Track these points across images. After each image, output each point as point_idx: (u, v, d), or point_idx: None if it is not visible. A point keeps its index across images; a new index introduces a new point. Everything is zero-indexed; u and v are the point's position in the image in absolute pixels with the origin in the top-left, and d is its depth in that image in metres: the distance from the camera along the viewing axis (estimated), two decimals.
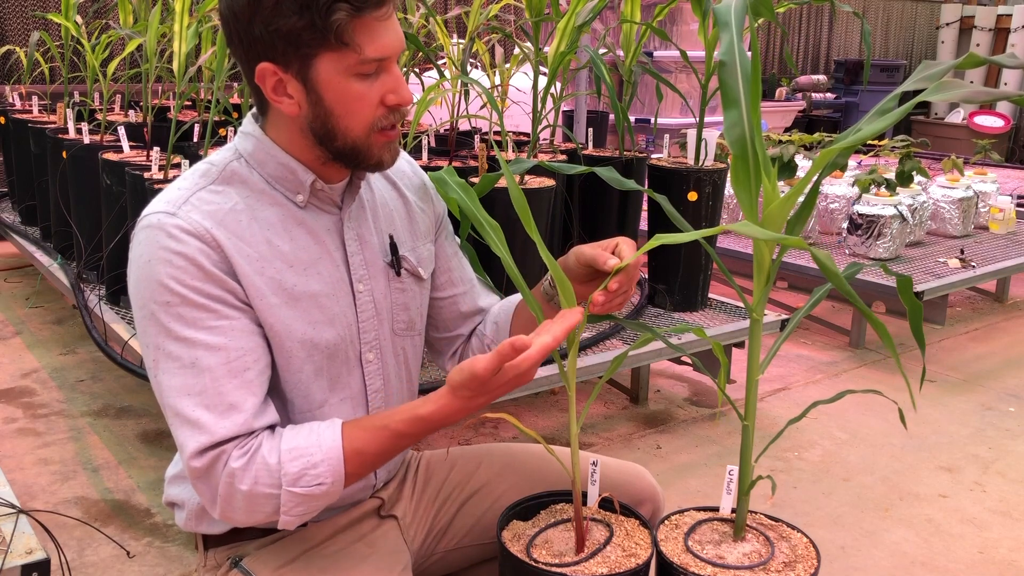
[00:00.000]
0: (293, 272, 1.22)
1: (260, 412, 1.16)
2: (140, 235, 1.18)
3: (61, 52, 3.87)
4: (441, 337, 1.50)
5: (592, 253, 1.24)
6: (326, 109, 1.16)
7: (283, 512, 1.14)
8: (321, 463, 1.13)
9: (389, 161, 1.23)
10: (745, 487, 1.25)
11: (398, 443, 1.17)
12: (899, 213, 3.80)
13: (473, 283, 1.49)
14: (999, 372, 3.54)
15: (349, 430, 1.16)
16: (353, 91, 1.15)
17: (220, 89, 2.52)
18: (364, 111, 1.17)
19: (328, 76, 1.14)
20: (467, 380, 1.11)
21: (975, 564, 2.23)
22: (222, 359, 1.14)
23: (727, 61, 1.15)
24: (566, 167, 1.48)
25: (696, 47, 2.95)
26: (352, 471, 1.16)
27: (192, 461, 1.13)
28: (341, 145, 1.19)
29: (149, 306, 1.14)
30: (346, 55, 1.13)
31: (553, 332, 1.11)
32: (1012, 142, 9.07)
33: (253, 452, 1.13)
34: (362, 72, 1.15)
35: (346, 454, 1.15)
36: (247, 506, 1.14)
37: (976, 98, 1.06)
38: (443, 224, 1.46)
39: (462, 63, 2.78)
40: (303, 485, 1.13)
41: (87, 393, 3.13)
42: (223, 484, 1.13)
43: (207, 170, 1.24)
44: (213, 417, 1.12)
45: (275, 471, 1.12)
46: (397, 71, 1.18)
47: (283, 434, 1.16)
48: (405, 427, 1.16)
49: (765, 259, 1.19)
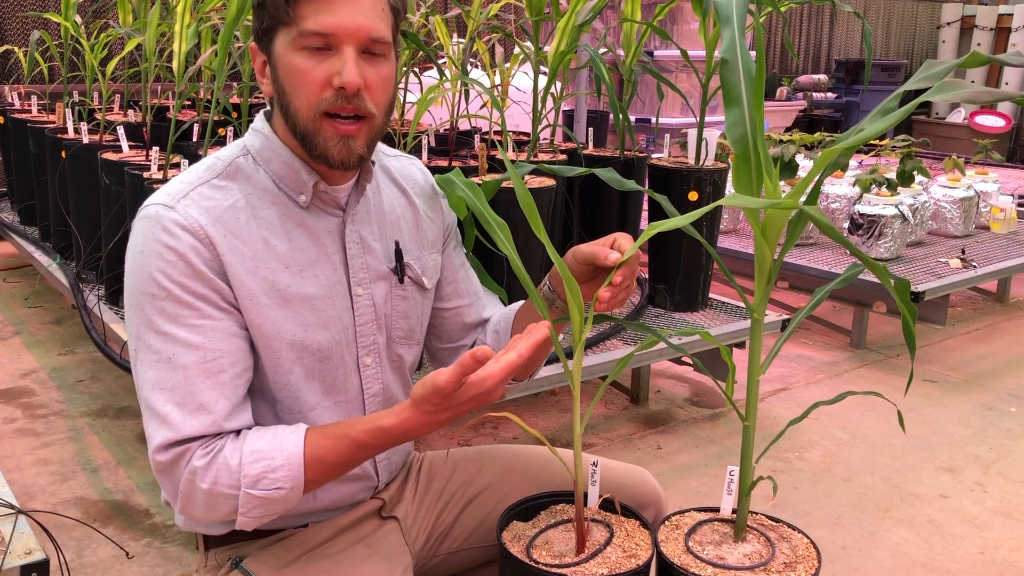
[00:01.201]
0: (288, 273, 1.21)
1: (231, 415, 1.16)
2: (138, 225, 1.18)
3: (60, 52, 3.87)
4: (444, 348, 1.49)
5: (591, 250, 1.23)
6: (280, 86, 1.18)
7: (240, 513, 1.14)
8: (281, 468, 1.13)
9: (336, 156, 1.18)
10: (746, 488, 1.25)
11: (358, 454, 1.17)
12: (900, 213, 3.80)
13: (479, 295, 1.48)
14: (1000, 372, 3.53)
15: (312, 437, 1.16)
16: (296, 66, 1.16)
17: (220, 89, 2.52)
18: (306, 89, 1.16)
19: (280, 51, 1.17)
20: (429, 394, 1.09)
21: (976, 565, 2.23)
22: (198, 358, 1.14)
23: (729, 59, 1.14)
24: (565, 169, 1.47)
25: (697, 46, 2.94)
26: (312, 478, 1.15)
27: (156, 455, 1.14)
28: (295, 127, 1.19)
29: (137, 296, 1.16)
30: (291, 28, 1.15)
31: (518, 349, 1.10)
32: (1013, 142, 9.07)
33: (216, 452, 1.13)
34: (305, 46, 1.15)
35: (307, 461, 1.14)
36: (206, 504, 1.14)
37: (978, 98, 1.05)
38: (451, 235, 1.45)
39: (463, 63, 2.77)
40: (261, 488, 1.12)
41: (86, 393, 3.12)
42: (184, 481, 1.13)
43: (213, 164, 1.24)
44: (182, 415, 1.13)
45: (235, 472, 1.12)
46: (349, 54, 1.15)
47: (247, 436, 1.15)
48: (366, 437, 1.15)
49: (766, 259, 1.18)
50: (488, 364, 1.08)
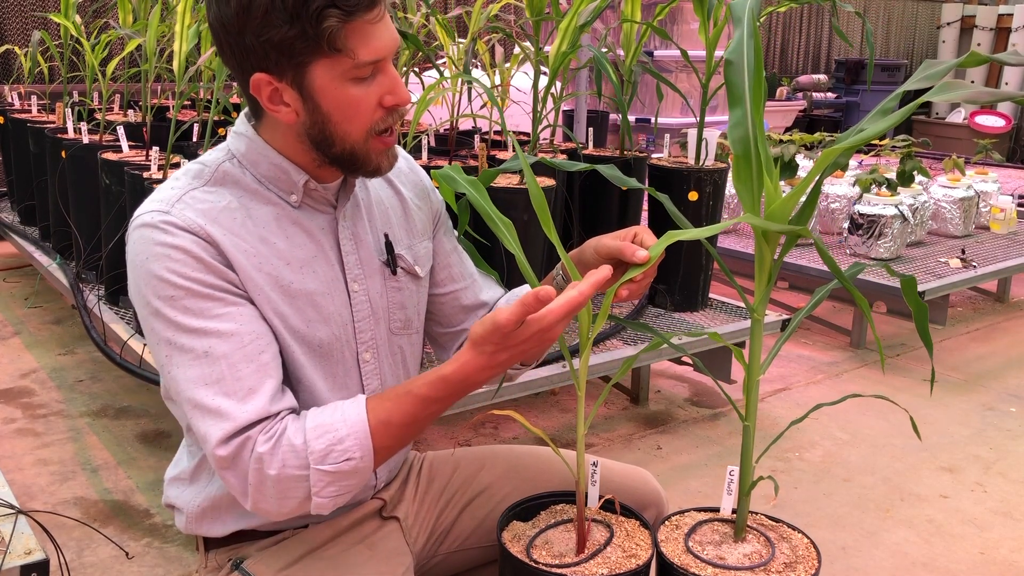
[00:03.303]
0: (289, 269, 1.21)
1: (279, 395, 1.14)
2: (134, 235, 1.17)
3: (60, 52, 3.87)
4: (445, 332, 1.48)
5: (617, 245, 1.22)
6: (324, 116, 1.15)
7: (315, 494, 1.11)
8: (347, 437, 1.11)
9: (387, 167, 1.22)
10: (746, 488, 1.25)
11: (424, 409, 1.14)
12: (900, 213, 3.80)
13: (474, 277, 1.48)
14: (1000, 372, 3.53)
15: (373, 403, 1.14)
16: (350, 96, 1.14)
17: (220, 89, 2.52)
18: (362, 115, 1.16)
19: (324, 83, 1.13)
20: (489, 332, 1.07)
21: (976, 565, 2.22)
22: (236, 344, 1.13)
23: (734, 60, 1.14)
24: (568, 164, 1.47)
25: (697, 46, 2.94)
26: (381, 444, 1.13)
27: (218, 450, 1.10)
28: (339, 151, 1.18)
29: (153, 304, 1.13)
30: (340, 61, 1.11)
31: (580, 288, 1.08)
32: (1013, 142, 9.07)
33: (279, 435, 1.11)
34: (358, 76, 1.13)
35: (372, 426, 1.12)
36: (278, 492, 1.11)
37: (978, 98, 1.05)
38: (441, 220, 1.45)
39: (464, 63, 2.77)
40: (331, 462, 1.10)
41: (86, 393, 3.12)
42: (252, 471, 1.10)
43: (199, 171, 1.22)
44: (234, 403, 1.11)
45: (301, 451, 1.10)
46: (393, 71, 1.17)
47: (307, 415, 1.14)
48: (428, 390, 1.13)
49: (766, 259, 1.18)
50: (551, 306, 1.06)
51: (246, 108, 1.25)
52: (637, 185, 1.35)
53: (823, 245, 1.11)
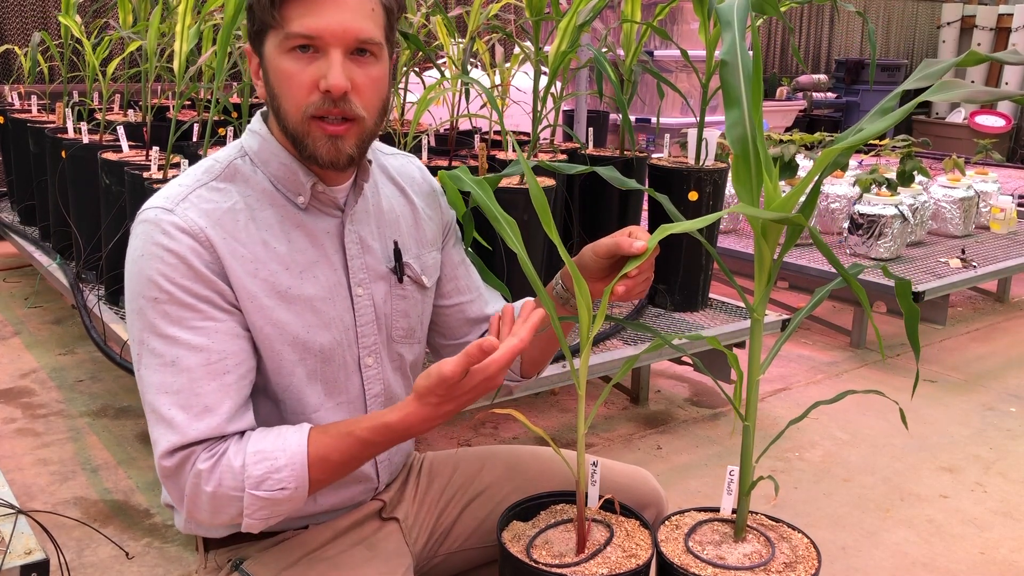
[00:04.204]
0: (288, 275, 1.21)
1: (235, 416, 1.15)
2: (137, 229, 1.18)
3: (61, 52, 3.87)
4: (448, 344, 1.48)
5: (613, 240, 1.23)
6: (271, 89, 1.18)
7: (246, 515, 1.13)
8: (285, 467, 1.12)
9: (324, 157, 1.18)
10: (746, 487, 1.25)
11: (363, 451, 1.16)
12: (900, 213, 3.80)
13: (480, 291, 1.48)
14: (1000, 372, 3.53)
15: (316, 436, 1.15)
16: (284, 69, 1.15)
17: (220, 88, 2.52)
18: (294, 92, 1.16)
19: (269, 53, 1.17)
20: (434, 385, 1.09)
21: (976, 565, 2.22)
22: (202, 360, 1.14)
23: (729, 60, 1.15)
24: (566, 166, 1.47)
25: (697, 46, 2.94)
26: (317, 477, 1.15)
27: (162, 460, 1.13)
28: (285, 128, 1.19)
29: (138, 300, 1.15)
30: (279, 31, 1.15)
31: (519, 334, 1.10)
32: (1013, 142, 9.07)
33: (220, 455, 1.13)
34: (291, 48, 1.14)
35: (311, 460, 1.13)
36: (212, 507, 1.14)
37: (978, 98, 1.05)
38: (451, 232, 1.45)
39: (463, 63, 2.77)
40: (266, 489, 1.12)
41: (86, 393, 3.12)
42: (189, 485, 1.13)
43: (211, 166, 1.24)
44: (187, 418, 1.13)
45: (239, 474, 1.12)
46: (335, 56, 1.14)
47: (251, 437, 1.15)
48: (370, 434, 1.14)
49: (766, 259, 1.18)
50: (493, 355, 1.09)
51: (265, 107, 1.27)
52: (636, 187, 1.35)
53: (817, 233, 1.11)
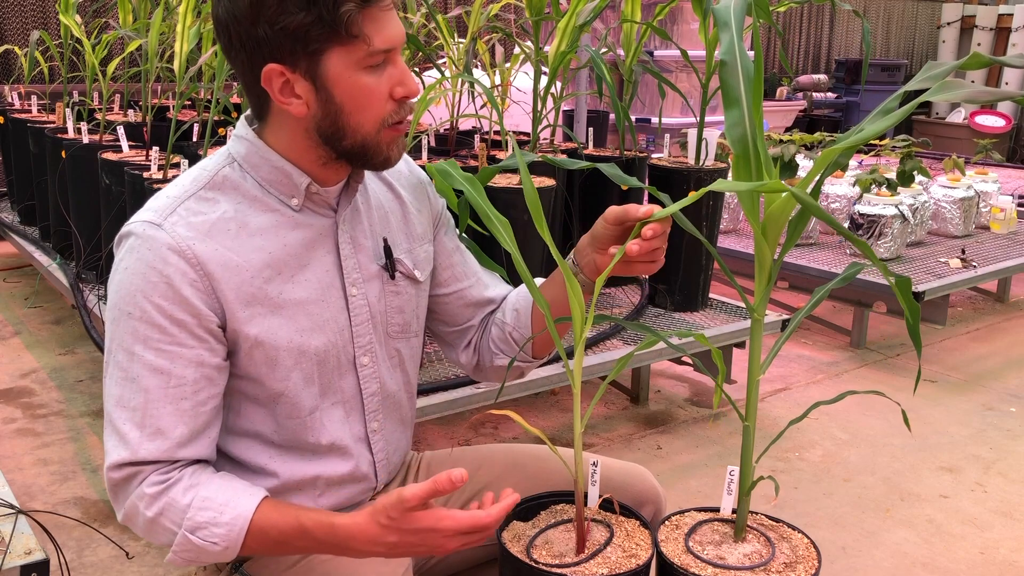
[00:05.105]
0: (281, 279, 1.21)
1: (188, 443, 1.16)
2: (125, 241, 1.18)
3: (60, 51, 3.87)
4: (452, 330, 1.48)
5: (621, 207, 1.23)
6: (336, 106, 1.15)
7: (173, 550, 1.14)
8: (223, 525, 1.12)
9: (396, 158, 1.22)
10: (746, 487, 1.25)
11: (301, 540, 1.15)
12: (900, 213, 3.80)
13: (479, 275, 1.48)
14: (1000, 372, 3.53)
15: (265, 507, 1.15)
16: (364, 85, 1.15)
17: (220, 89, 2.52)
18: (375, 106, 1.16)
19: (338, 71, 1.13)
20: (391, 503, 1.09)
21: (976, 565, 2.22)
22: (161, 383, 1.14)
23: (728, 61, 1.15)
24: (568, 162, 1.47)
25: (697, 46, 2.94)
26: (251, 545, 1.14)
27: (110, 472, 1.14)
28: (350, 144, 1.18)
29: (115, 311, 1.16)
30: (355, 48, 1.12)
31: (490, 511, 1.12)
32: (1013, 142, 9.07)
33: (169, 485, 1.13)
34: (371, 64, 1.14)
35: (251, 528, 1.13)
36: (146, 529, 1.15)
37: (978, 98, 1.05)
38: (442, 220, 1.45)
39: (465, 63, 2.77)
40: (199, 536, 1.12)
41: (86, 393, 3.12)
42: (130, 503, 1.14)
43: (198, 176, 1.22)
44: (139, 436, 1.13)
45: (182, 511, 1.13)
46: (402, 63, 1.18)
47: (210, 480, 1.16)
48: (313, 526, 1.14)
49: (766, 258, 1.18)
50: (455, 511, 1.11)
51: (247, 111, 1.25)
52: (638, 184, 1.35)
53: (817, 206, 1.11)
